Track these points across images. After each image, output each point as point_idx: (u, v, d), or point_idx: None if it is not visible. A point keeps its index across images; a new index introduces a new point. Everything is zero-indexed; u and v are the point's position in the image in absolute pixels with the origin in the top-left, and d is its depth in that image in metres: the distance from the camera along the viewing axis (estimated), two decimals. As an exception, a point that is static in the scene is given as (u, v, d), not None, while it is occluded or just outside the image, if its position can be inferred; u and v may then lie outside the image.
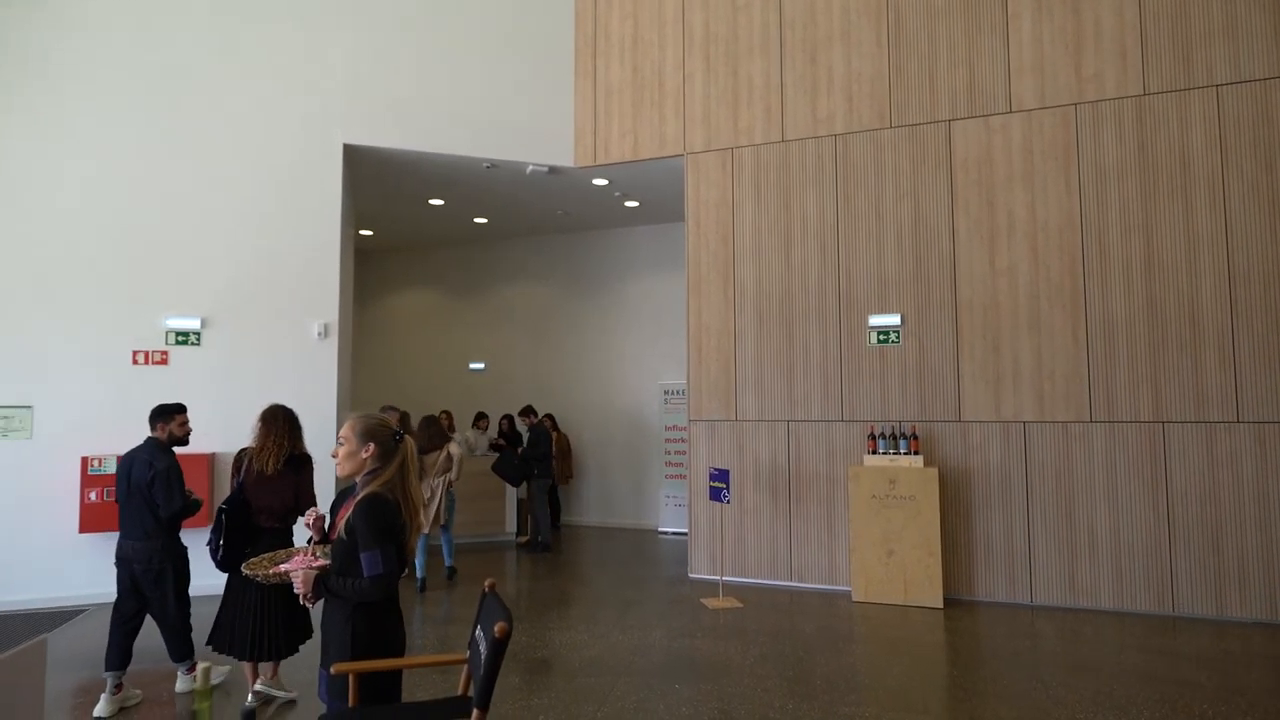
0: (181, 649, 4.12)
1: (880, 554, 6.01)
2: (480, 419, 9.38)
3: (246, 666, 3.93)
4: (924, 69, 6.48)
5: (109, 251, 6.28)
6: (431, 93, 7.16)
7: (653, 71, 7.40)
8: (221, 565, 3.74)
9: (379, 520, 2.32)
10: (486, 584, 2.46)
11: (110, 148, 6.35)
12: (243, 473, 3.92)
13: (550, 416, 9.46)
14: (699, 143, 7.18)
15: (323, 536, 2.81)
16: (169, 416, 4.14)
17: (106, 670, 3.94)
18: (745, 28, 7.08)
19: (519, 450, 8.56)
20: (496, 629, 1.91)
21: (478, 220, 9.75)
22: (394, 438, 2.53)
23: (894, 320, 6.40)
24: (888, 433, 6.28)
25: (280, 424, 4.01)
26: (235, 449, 6.38)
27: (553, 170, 7.63)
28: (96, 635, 5.11)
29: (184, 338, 6.38)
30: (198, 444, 6.30)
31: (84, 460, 5.99)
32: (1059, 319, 5.99)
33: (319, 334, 6.68)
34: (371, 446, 2.50)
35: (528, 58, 7.49)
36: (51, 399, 6.07)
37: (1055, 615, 5.64)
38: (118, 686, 3.94)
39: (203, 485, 6.18)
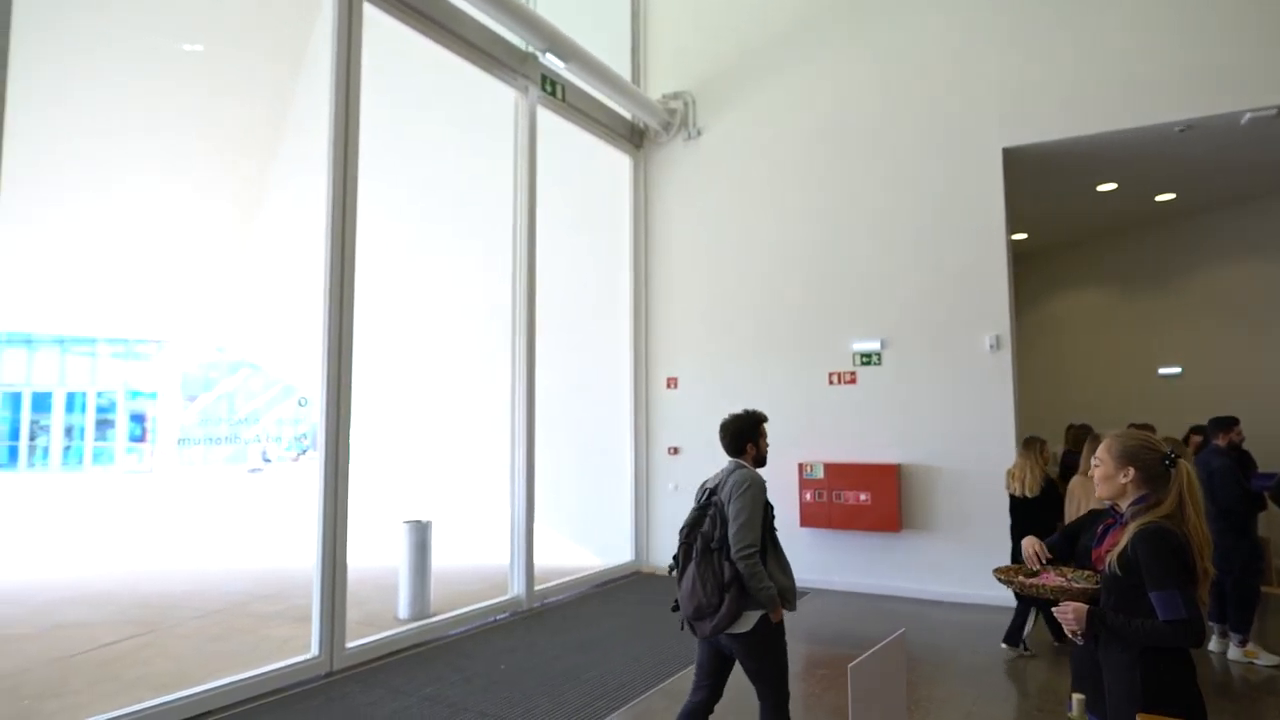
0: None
1: None
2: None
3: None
4: None
5: (809, 294, 7.41)
6: (1100, 65, 6.33)
7: None
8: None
9: (1169, 556, 2.03)
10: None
11: (798, 213, 7.53)
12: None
13: None
14: None
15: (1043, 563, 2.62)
16: (1229, 426, 5.21)
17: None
18: None
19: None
20: None
21: (1160, 198, 8.19)
22: (1163, 462, 2.19)
23: None
24: None
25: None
26: (918, 460, 6.82)
27: (1284, 111, 5.85)
28: (828, 613, 6.07)
29: (868, 359, 7.08)
30: (885, 455, 6.93)
31: (799, 466, 7.18)
32: None
33: (990, 346, 6.56)
34: (1131, 471, 2.22)
35: (1232, -20, 5.97)
36: (775, 415, 7.45)
37: None
38: (1243, 641, 4.91)
39: (891, 493, 6.71)
